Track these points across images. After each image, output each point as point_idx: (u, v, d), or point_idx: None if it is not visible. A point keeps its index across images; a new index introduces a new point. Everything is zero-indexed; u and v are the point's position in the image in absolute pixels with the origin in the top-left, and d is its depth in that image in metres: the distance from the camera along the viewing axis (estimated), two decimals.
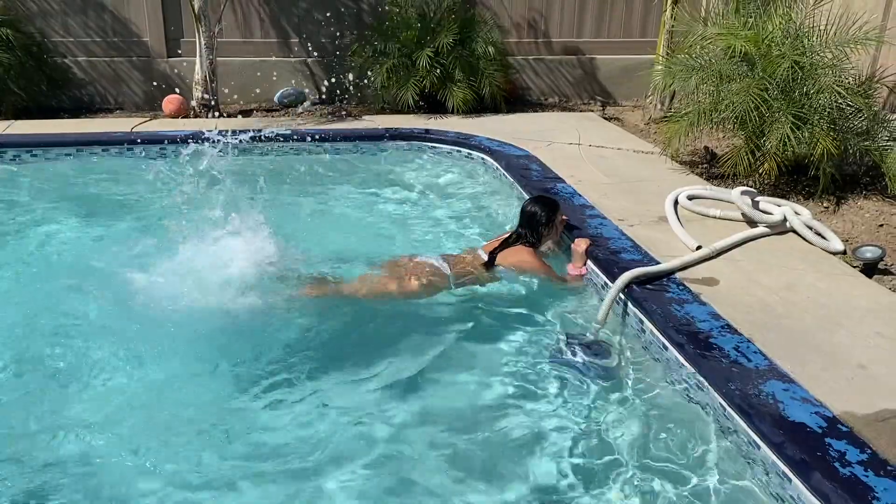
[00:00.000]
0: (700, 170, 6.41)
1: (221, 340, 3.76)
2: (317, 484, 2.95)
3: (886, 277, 4.49)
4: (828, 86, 5.54)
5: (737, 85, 5.71)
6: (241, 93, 8.63)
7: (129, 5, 8.38)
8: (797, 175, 5.91)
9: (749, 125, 5.62)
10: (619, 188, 5.71)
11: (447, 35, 7.92)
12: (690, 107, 6.07)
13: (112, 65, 8.48)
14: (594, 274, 4.38)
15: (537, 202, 4.60)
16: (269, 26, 8.69)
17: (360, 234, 5.33)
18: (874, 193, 5.78)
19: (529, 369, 3.71)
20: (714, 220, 5.06)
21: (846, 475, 2.58)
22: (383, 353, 3.79)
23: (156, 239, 4.51)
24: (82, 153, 6.82)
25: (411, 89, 7.92)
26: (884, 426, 2.86)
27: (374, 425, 3.30)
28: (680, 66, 6.21)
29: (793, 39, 5.79)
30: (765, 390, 3.06)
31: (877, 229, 5.25)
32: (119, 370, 3.58)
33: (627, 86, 9.23)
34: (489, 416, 3.39)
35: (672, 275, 4.15)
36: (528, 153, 6.58)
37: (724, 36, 5.94)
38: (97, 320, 3.91)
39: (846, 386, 3.13)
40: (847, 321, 3.70)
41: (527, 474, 3.03)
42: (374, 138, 7.30)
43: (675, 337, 3.53)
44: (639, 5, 9.21)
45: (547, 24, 9.18)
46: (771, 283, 4.11)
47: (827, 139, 5.38)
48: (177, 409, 3.34)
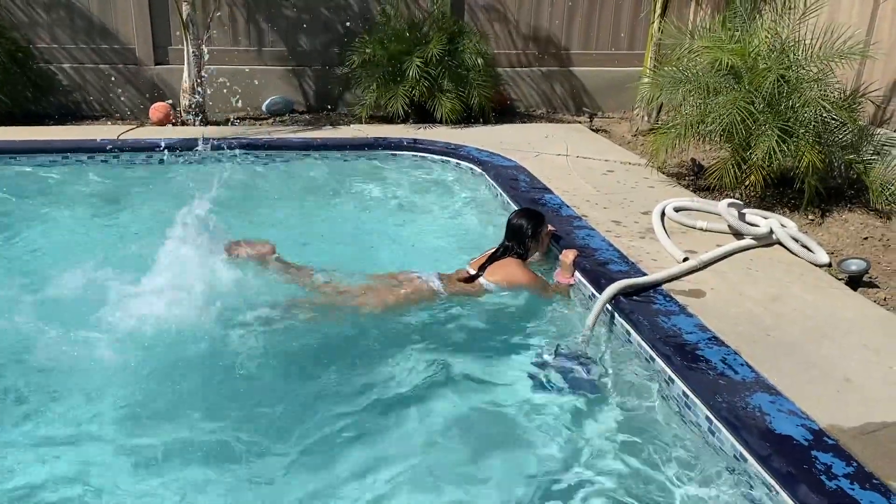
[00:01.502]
0: (687, 182, 6.44)
1: (203, 352, 3.73)
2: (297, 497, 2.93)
3: (871, 290, 4.52)
4: (813, 99, 5.59)
5: (723, 98, 5.75)
6: (228, 101, 8.61)
7: (117, 13, 8.34)
8: (783, 187, 5.95)
9: (735, 138, 5.65)
10: (606, 199, 5.72)
11: (436, 45, 7.94)
12: (677, 119, 6.10)
13: (98, 72, 8.43)
14: (582, 285, 4.38)
15: (523, 215, 4.60)
16: (258, 34, 8.68)
17: (347, 245, 5.30)
18: (859, 206, 5.82)
19: (516, 382, 3.69)
20: (701, 231, 5.07)
21: (832, 488, 2.58)
22: (370, 367, 3.76)
23: (133, 250, 4.48)
24: (68, 160, 6.76)
25: (400, 98, 7.93)
26: (869, 439, 2.86)
27: (356, 438, 3.27)
28: (667, 78, 6.25)
29: (779, 53, 5.84)
30: (751, 403, 3.06)
31: (861, 242, 5.28)
32: (89, 389, 3.51)
33: (615, 98, 9.28)
34: (473, 429, 3.37)
35: (659, 286, 4.15)
36: (517, 164, 6.59)
37: (710, 49, 5.98)
38: (69, 335, 3.84)
39: (832, 398, 3.13)
40: (833, 333, 3.71)
41: (509, 486, 3.01)
42: (362, 147, 7.29)
43: (661, 349, 3.53)
44: (626, 18, 9.27)
45: (535, 35, 9.22)
46: (757, 294, 4.12)
47: (812, 152, 5.41)
48: (155, 427, 3.31)
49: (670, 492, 2.96)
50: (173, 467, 3.05)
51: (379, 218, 5.92)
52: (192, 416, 3.34)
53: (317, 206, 6.15)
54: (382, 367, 3.75)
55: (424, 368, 3.76)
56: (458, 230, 5.68)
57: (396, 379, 3.68)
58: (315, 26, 8.71)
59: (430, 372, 3.74)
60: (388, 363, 3.79)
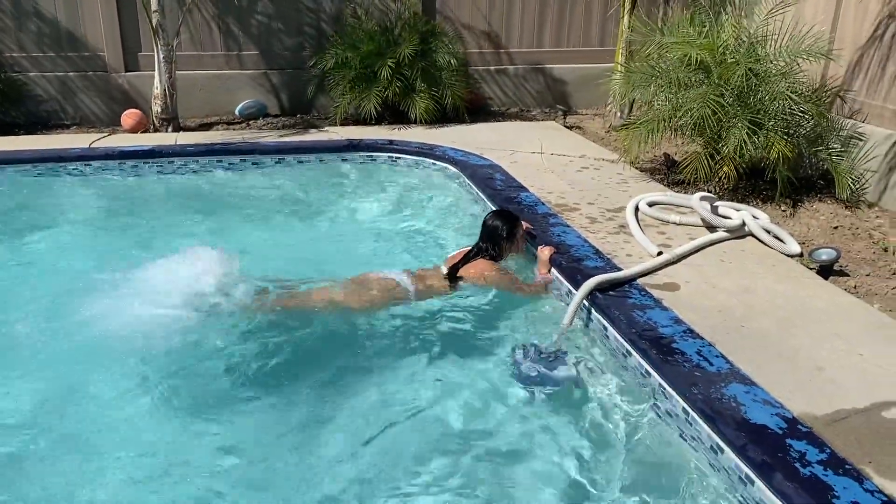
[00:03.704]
0: (660, 176, 6.50)
1: (178, 358, 3.73)
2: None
3: (842, 278, 4.60)
4: (781, 92, 5.67)
5: (694, 92, 5.81)
6: (201, 106, 8.55)
7: (85, 20, 8.25)
8: (755, 179, 6.02)
9: (707, 131, 5.72)
10: (581, 196, 5.76)
11: (408, 46, 7.95)
12: (649, 114, 6.15)
13: (69, 80, 8.34)
14: (558, 281, 4.42)
15: (498, 216, 4.61)
16: (229, 39, 8.63)
17: (323, 247, 5.30)
18: (828, 197, 5.91)
19: (491, 380, 3.71)
20: (675, 225, 5.13)
21: (807, 475, 2.63)
22: (343, 367, 3.77)
23: (113, 256, 4.45)
24: (38, 169, 6.69)
25: (373, 99, 7.92)
26: (842, 425, 2.92)
27: (329, 439, 3.29)
28: (638, 74, 6.30)
29: (747, 47, 5.91)
30: (727, 393, 3.11)
31: (832, 231, 5.37)
32: (71, 389, 3.53)
33: (588, 95, 9.34)
34: (447, 428, 3.39)
35: (634, 281, 4.20)
36: (492, 162, 6.62)
37: (679, 45, 6.04)
38: (49, 342, 3.84)
39: (805, 387, 3.19)
40: (805, 323, 3.77)
41: (483, 483, 3.04)
42: (337, 150, 7.27)
43: (638, 342, 3.57)
44: (597, 15, 9.33)
45: (507, 34, 9.25)
46: (731, 286, 4.18)
47: (781, 143, 5.49)
48: (132, 432, 3.32)
49: (647, 483, 3.01)
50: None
51: (355, 219, 5.92)
52: (167, 424, 3.36)
53: (293, 209, 6.13)
54: (355, 370, 3.76)
55: (397, 370, 3.78)
56: (434, 229, 5.69)
57: (369, 381, 3.69)
58: (287, 29, 8.68)
59: (403, 373, 3.76)
60: (360, 366, 3.80)
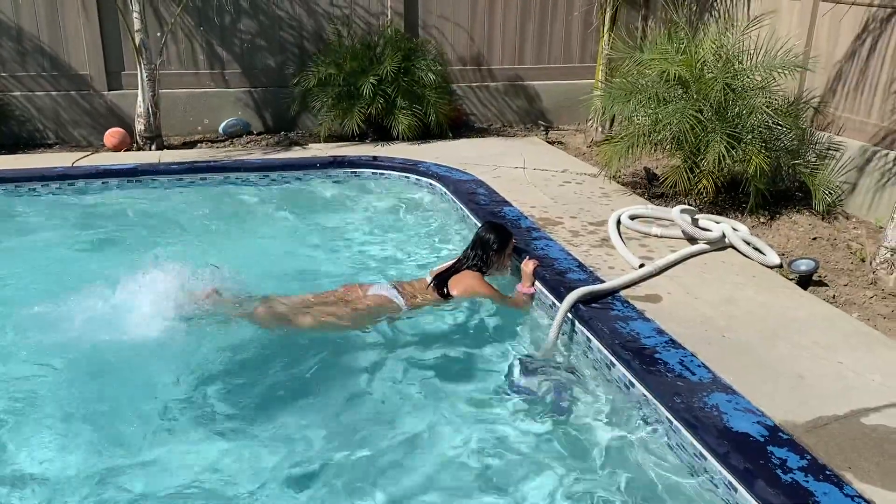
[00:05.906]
0: (641, 190, 6.58)
1: (157, 372, 3.75)
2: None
3: (821, 289, 4.68)
4: (758, 107, 5.78)
5: (673, 107, 5.91)
6: (184, 125, 8.55)
7: (68, 39, 8.25)
8: (734, 192, 6.11)
9: (686, 145, 5.81)
10: (563, 210, 5.82)
11: (391, 63, 8.01)
12: (630, 129, 6.24)
13: (51, 99, 8.32)
14: (542, 294, 4.46)
15: (493, 230, 4.63)
16: (212, 57, 8.65)
17: (309, 263, 5.31)
18: (806, 208, 6.01)
19: (478, 392, 3.74)
20: (656, 238, 5.19)
21: (788, 481, 2.67)
22: (333, 382, 3.78)
23: (93, 274, 4.45)
24: (21, 188, 6.68)
25: (356, 116, 7.97)
26: (822, 432, 2.97)
27: (318, 453, 3.30)
28: (618, 90, 6.39)
29: (724, 63, 6.02)
30: (709, 402, 3.15)
31: (810, 242, 5.45)
32: (47, 401, 3.55)
33: (569, 110, 9.42)
34: (437, 441, 3.40)
35: (617, 293, 4.25)
36: (475, 178, 6.67)
37: (658, 61, 6.14)
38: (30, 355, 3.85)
39: (786, 395, 3.24)
40: (785, 332, 3.84)
41: (472, 493, 3.06)
42: (320, 167, 7.30)
43: (621, 353, 3.61)
44: (577, 32, 9.44)
45: (489, 51, 9.33)
46: (712, 297, 4.24)
47: (759, 156, 5.59)
48: (109, 442, 3.33)
49: (632, 492, 3.04)
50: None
51: (340, 234, 5.94)
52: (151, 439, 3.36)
53: (277, 226, 6.14)
54: (344, 384, 3.77)
55: (385, 383, 3.80)
56: (418, 244, 5.72)
57: (357, 395, 3.71)
58: (270, 47, 8.71)
59: (391, 386, 3.78)
60: (348, 379, 3.81)
